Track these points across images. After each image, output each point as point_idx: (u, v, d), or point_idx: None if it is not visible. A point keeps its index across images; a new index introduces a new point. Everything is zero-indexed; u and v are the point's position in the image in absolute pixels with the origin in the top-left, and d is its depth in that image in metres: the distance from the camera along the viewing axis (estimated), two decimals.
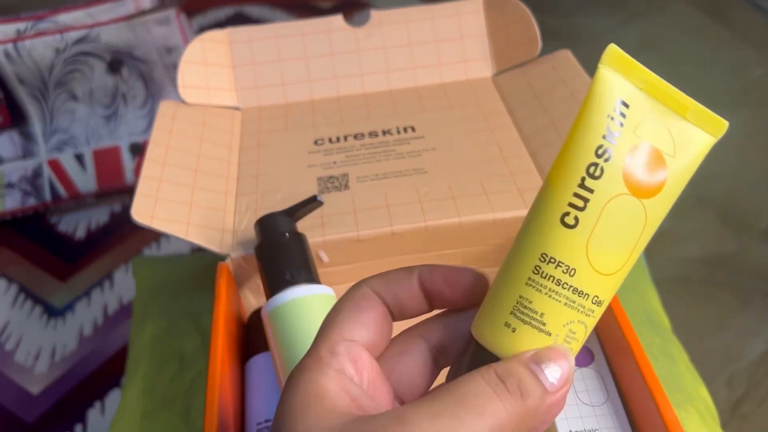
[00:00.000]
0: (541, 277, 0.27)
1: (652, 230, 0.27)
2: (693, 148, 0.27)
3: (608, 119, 0.27)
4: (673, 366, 0.52)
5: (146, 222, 0.50)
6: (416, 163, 0.58)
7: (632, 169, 0.26)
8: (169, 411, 0.52)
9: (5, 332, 0.89)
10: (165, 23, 0.96)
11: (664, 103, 0.27)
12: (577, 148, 0.27)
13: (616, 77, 0.27)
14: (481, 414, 0.24)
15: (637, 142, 0.27)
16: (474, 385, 0.25)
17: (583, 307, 0.27)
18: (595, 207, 0.26)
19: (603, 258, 0.26)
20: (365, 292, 0.29)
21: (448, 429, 0.23)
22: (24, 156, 0.98)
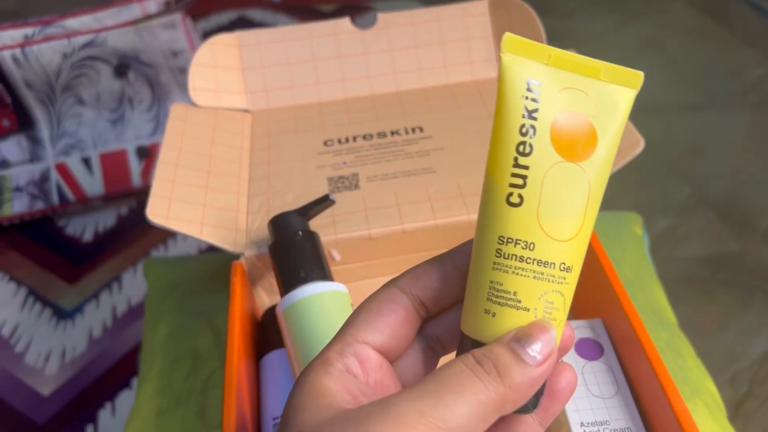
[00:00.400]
0: (505, 258, 0.28)
1: (599, 190, 0.28)
2: (614, 104, 0.29)
3: (523, 99, 0.28)
4: (680, 360, 0.53)
5: (161, 222, 0.51)
6: (425, 163, 0.59)
7: (560, 138, 0.28)
8: (185, 408, 0.53)
9: (15, 334, 0.90)
10: (171, 27, 0.97)
11: (574, 71, 0.29)
12: (502, 133, 0.28)
13: (520, 60, 0.29)
14: (461, 392, 0.25)
15: (558, 112, 0.28)
16: (454, 368, 0.26)
17: (552, 276, 0.28)
18: (535, 181, 0.28)
19: (557, 225, 0.28)
20: (391, 293, 0.30)
21: (429, 408, 0.24)
22: (32, 160, 0.99)
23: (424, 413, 0.24)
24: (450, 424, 0.24)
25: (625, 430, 0.43)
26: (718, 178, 1.18)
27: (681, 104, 1.34)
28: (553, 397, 0.29)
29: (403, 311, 0.30)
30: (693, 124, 1.29)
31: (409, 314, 0.30)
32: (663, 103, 1.34)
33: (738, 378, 0.92)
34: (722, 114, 1.31)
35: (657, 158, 1.22)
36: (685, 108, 1.33)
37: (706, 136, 1.26)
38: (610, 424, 0.43)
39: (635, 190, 1.16)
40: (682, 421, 0.39)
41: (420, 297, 0.30)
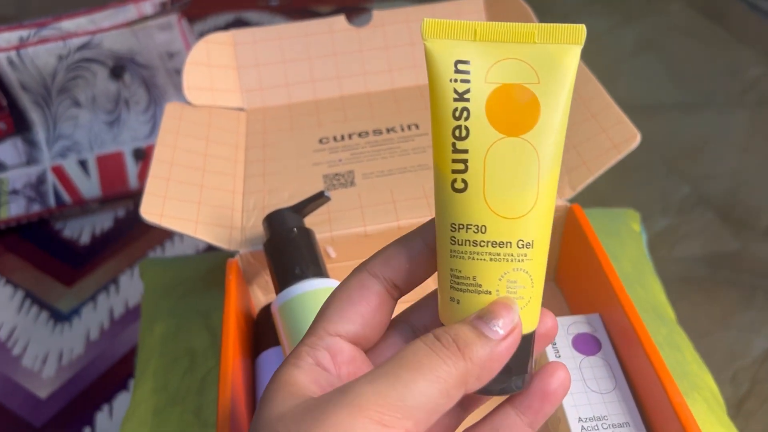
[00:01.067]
0: (459, 245, 0.27)
1: (553, 158, 0.27)
2: (557, 65, 0.27)
3: (451, 83, 0.27)
4: (679, 355, 0.53)
5: (155, 220, 0.51)
6: (421, 160, 0.59)
7: (497, 114, 0.27)
8: (181, 407, 0.53)
9: (12, 337, 0.89)
10: (167, 29, 0.96)
11: (506, 41, 0.27)
12: (438, 121, 0.27)
13: (443, 43, 0.27)
14: (418, 369, 0.24)
15: (492, 87, 0.27)
16: (412, 347, 0.26)
17: (510, 255, 0.27)
18: (476, 163, 0.27)
19: (507, 203, 0.27)
20: (361, 278, 0.29)
21: (386, 388, 0.24)
22: (28, 163, 0.99)
23: (381, 394, 0.24)
24: (408, 403, 0.24)
25: (624, 424, 0.42)
26: (717, 177, 1.18)
27: (680, 104, 1.33)
28: (544, 399, 0.29)
29: (375, 297, 0.29)
30: (692, 124, 1.29)
31: (381, 299, 0.29)
32: (662, 102, 1.34)
33: (739, 377, 0.92)
34: (721, 113, 1.31)
35: (656, 158, 1.22)
36: (683, 107, 1.33)
37: (705, 136, 1.26)
38: (608, 419, 0.43)
39: (635, 189, 1.16)
40: (680, 414, 0.39)
41: (392, 279, 0.29)
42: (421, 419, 0.24)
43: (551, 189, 0.27)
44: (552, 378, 0.29)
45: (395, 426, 0.23)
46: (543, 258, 0.28)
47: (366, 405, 0.23)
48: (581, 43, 0.27)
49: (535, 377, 0.29)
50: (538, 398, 0.29)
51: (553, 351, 0.46)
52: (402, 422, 0.24)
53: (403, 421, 0.24)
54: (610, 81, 1.18)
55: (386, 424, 0.23)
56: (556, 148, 0.27)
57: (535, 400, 0.29)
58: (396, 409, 0.24)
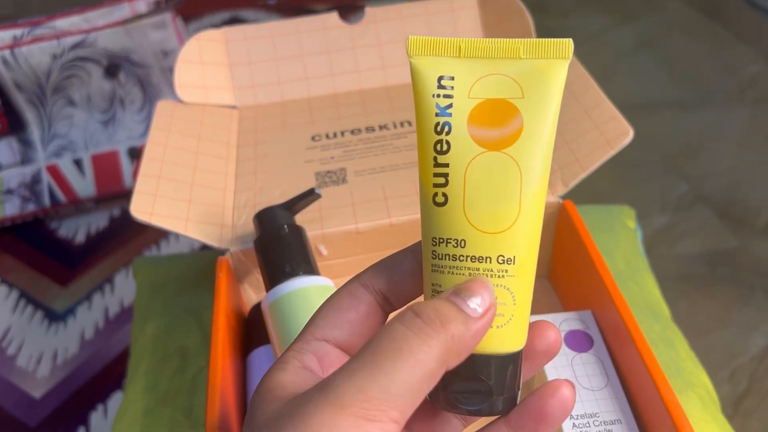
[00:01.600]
0: (439, 260, 0.27)
1: (536, 173, 0.27)
2: (543, 80, 0.27)
3: (434, 98, 0.27)
4: (673, 352, 0.52)
5: (145, 218, 0.50)
6: (413, 157, 0.58)
7: (478, 129, 0.27)
8: (172, 407, 0.52)
9: (7, 337, 0.89)
10: (161, 27, 0.96)
11: (491, 57, 0.28)
12: (421, 136, 0.28)
13: (427, 60, 0.28)
14: (398, 356, 0.23)
15: (475, 102, 0.27)
16: (389, 330, 0.24)
17: (490, 270, 0.27)
18: (456, 177, 0.27)
19: (487, 218, 0.27)
20: (352, 289, 0.29)
21: (367, 381, 0.23)
22: (23, 162, 0.98)
23: (362, 389, 0.23)
24: (392, 393, 0.23)
25: (615, 422, 0.42)
26: (715, 174, 1.17)
27: (678, 102, 1.33)
28: (540, 420, 0.27)
29: (365, 307, 0.29)
30: (690, 122, 1.28)
31: (371, 310, 0.29)
32: (660, 100, 1.33)
33: (737, 375, 0.92)
34: (719, 111, 1.31)
35: (654, 156, 1.21)
36: (682, 105, 1.32)
37: (703, 133, 1.26)
38: (599, 417, 0.42)
39: (632, 187, 1.16)
40: (672, 411, 0.39)
41: (382, 291, 0.29)
42: (406, 406, 0.23)
43: (536, 204, 0.27)
44: (552, 398, 0.27)
45: (381, 419, 0.23)
46: (528, 275, 0.27)
47: (349, 402, 0.23)
48: (569, 58, 0.27)
49: (534, 395, 0.28)
50: (534, 419, 0.27)
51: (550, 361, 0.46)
52: (388, 413, 0.23)
53: (389, 412, 0.23)
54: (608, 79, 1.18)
55: (372, 418, 0.23)
56: (542, 163, 0.27)
57: (530, 421, 0.27)
58: (380, 401, 0.23)
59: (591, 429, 0.42)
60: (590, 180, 0.52)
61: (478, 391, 0.27)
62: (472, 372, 0.27)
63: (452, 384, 0.27)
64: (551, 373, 0.45)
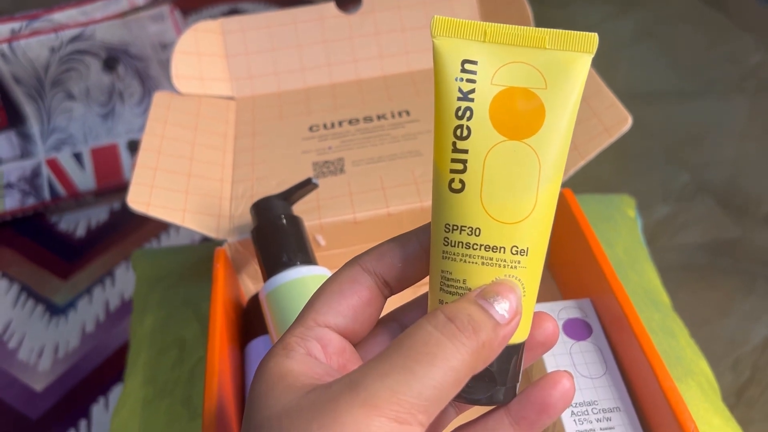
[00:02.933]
0: (452, 246, 0.27)
1: (554, 165, 0.26)
2: (566, 72, 0.27)
3: (457, 82, 0.27)
4: (672, 341, 0.52)
5: (142, 209, 0.50)
6: (411, 146, 0.58)
7: (500, 116, 0.26)
8: (170, 398, 0.52)
9: (8, 331, 0.89)
10: (159, 20, 0.96)
11: (516, 44, 0.27)
12: (440, 119, 0.27)
13: (452, 41, 0.27)
14: (432, 362, 0.23)
15: (498, 89, 0.27)
16: (421, 333, 0.24)
17: (503, 260, 0.26)
18: (475, 164, 0.26)
19: (503, 208, 0.26)
20: (353, 273, 0.29)
21: (400, 386, 0.23)
22: (22, 156, 0.98)
23: (396, 391, 0.23)
24: (424, 398, 0.23)
25: (614, 410, 0.42)
26: (717, 164, 1.17)
27: (679, 91, 1.33)
28: (542, 411, 0.27)
29: (367, 292, 0.28)
30: (691, 111, 1.28)
31: (372, 294, 0.28)
32: (661, 90, 1.33)
33: (740, 364, 0.91)
34: (721, 101, 1.30)
35: (656, 146, 1.21)
36: (683, 95, 1.32)
37: (704, 123, 1.25)
38: (598, 404, 0.42)
39: (634, 178, 1.15)
40: (671, 399, 0.38)
41: (383, 276, 0.29)
42: (433, 411, 0.23)
43: (551, 197, 0.27)
44: (554, 389, 0.27)
45: (411, 422, 0.23)
46: (537, 268, 0.27)
47: (381, 403, 0.22)
48: (593, 53, 0.27)
49: (535, 386, 0.27)
50: (535, 409, 0.27)
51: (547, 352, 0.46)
52: (417, 417, 0.23)
53: (417, 416, 0.23)
54: (609, 69, 1.17)
55: (402, 421, 0.23)
56: (560, 155, 0.26)
57: (531, 411, 0.27)
58: (411, 405, 0.23)
59: (590, 417, 0.41)
60: (592, 170, 0.52)
61: (481, 381, 0.27)
62: None
63: None
64: (549, 361, 0.44)
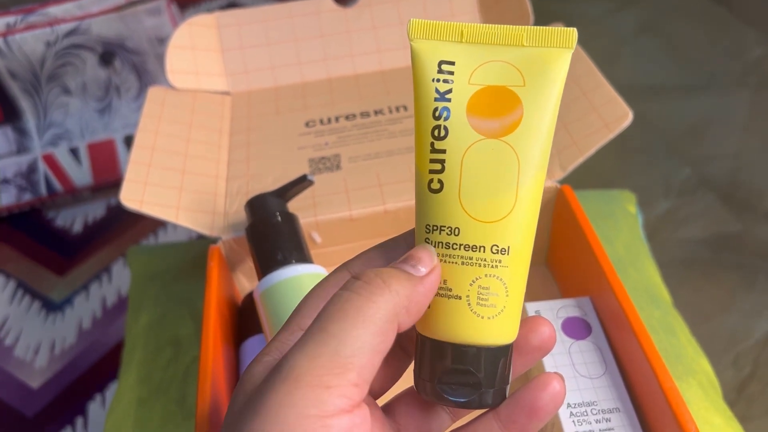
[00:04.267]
0: (433, 247, 0.26)
1: (535, 162, 0.26)
2: (545, 68, 0.27)
3: (433, 83, 0.27)
4: (673, 339, 0.51)
5: (135, 207, 0.50)
6: (409, 142, 0.57)
7: (477, 115, 0.26)
8: (165, 397, 0.52)
9: (4, 328, 0.89)
10: (156, 14, 0.95)
11: (493, 43, 0.27)
12: (419, 121, 0.27)
13: (429, 43, 0.27)
14: (344, 317, 0.23)
15: (475, 89, 0.27)
16: (333, 297, 0.24)
17: (483, 260, 0.26)
18: (453, 164, 0.26)
19: (482, 207, 0.26)
20: (340, 278, 0.28)
21: (318, 347, 0.22)
22: (18, 151, 0.98)
23: (313, 356, 0.22)
24: (343, 354, 0.22)
25: (613, 410, 0.41)
26: (718, 159, 1.16)
27: (681, 86, 1.32)
28: (532, 415, 0.26)
29: None
30: (693, 106, 1.27)
31: None
32: (663, 84, 1.32)
33: (741, 360, 0.91)
34: (723, 95, 1.30)
35: (657, 140, 1.20)
36: (685, 89, 1.31)
37: (706, 117, 1.25)
38: (597, 405, 0.41)
39: (635, 172, 1.15)
40: (671, 399, 0.38)
41: None
42: (363, 366, 0.23)
43: (533, 195, 0.26)
44: (543, 392, 0.26)
45: (338, 383, 0.22)
46: (521, 267, 0.27)
47: (301, 373, 0.22)
48: (572, 48, 0.27)
49: (525, 388, 0.27)
50: (525, 413, 0.27)
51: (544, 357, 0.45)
52: (344, 377, 0.22)
53: (345, 375, 0.22)
54: (610, 63, 1.16)
55: (328, 384, 0.22)
56: (541, 153, 0.26)
57: (521, 415, 0.27)
58: (333, 365, 0.22)
59: (589, 417, 0.41)
60: (592, 165, 0.51)
61: (467, 383, 0.26)
62: (461, 363, 0.26)
63: (441, 375, 0.26)
64: (548, 360, 0.44)
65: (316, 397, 0.22)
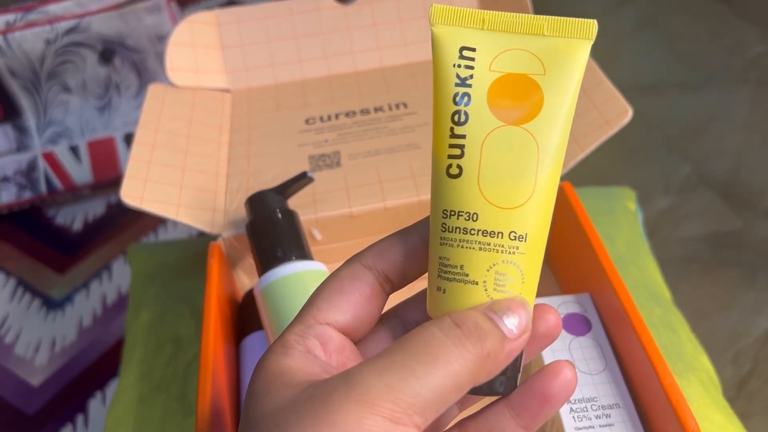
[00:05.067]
0: (449, 232, 0.27)
1: (554, 151, 0.26)
2: (565, 58, 0.27)
3: (455, 68, 0.27)
4: (673, 335, 0.51)
5: (135, 204, 0.50)
6: (409, 139, 0.57)
7: (498, 102, 0.26)
8: (165, 394, 0.52)
9: (5, 325, 0.89)
10: (155, 11, 0.95)
11: (515, 32, 0.27)
12: (438, 105, 0.27)
13: (450, 29, 0.27)
14: (433, 363, 0.23)
15: (496, 76, 0.27)
16: (426, 334, 0.24)
17: (501, 246, 0.26)
18: (473, 149, 0.26)
19: (501, 193, 0.26)
20: (354, 270, 0.28)
21: (398, 383, 0.22)
22: (18, 149, 0.98)
23: (392, 389, 0.22)
24: (422, 398, 0.22)
25: (613, 406, 0.41)
26: (718, 156, 1.16)
27: (681, 82, 1.32)
28: (544, 402, 0.26)
29: (368, 289, 0.28)
30: (693, 103, 1.27)
31: (373, 291, 0.28)
32: (663, 81, 1.32)
33: (741, 357, 0.91)
34: (723, 92, 1.29)
35: (657, 137, 1.20)
36: (685, 86, 1.31)
37: (706, 115, 1.25)
38: (597, 401, 0.41)
39: (635, 169, 1.14)
40: (671, 395, 0.38)
41: (385, 272, 0.28)
42: (430, 414, 0.23)
43: (551, 184, 0.26)
44: (554, 380, 0.26)
45: (406, 423, 0.22)
46: (537, 254, 0.27)
47: (377, 401, 0.22)
48: (592, 39, 0.27)
49: (536, 376, 0.27)
50: (537, 401, 0.27)
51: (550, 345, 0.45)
52: (413, 418, 0.22)
53: (413, 417, 0.22)
54: (610, 60, 1.16)
55: (397, 421, 0.22)
56: (559, 141, 0.26)
57: (533, 403, 0.27)
58: (408, 405, 0.22)
59: (589, 413, 0.41)
60: (592, 162, 0.51)
61: None
62: None
63: None
64: (548, 356, 0.44)
65: (384, 428, 0.22)
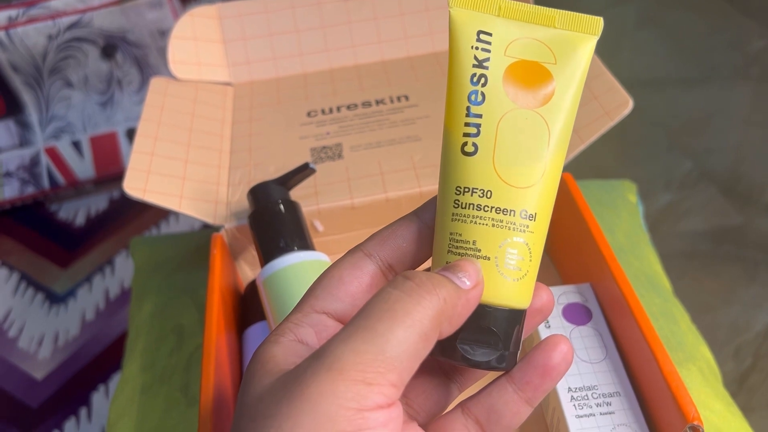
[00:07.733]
0: (462, 208, 0.27)
1: (562, 136, 0.28)
2: (574, 50, 0.28)
3: (473, 50, 0.28)
4: (674, 326, 0.52)
5: (138, 195, 0.50)
6: (410, 131, 0.58)
7: (514, 86, 0.28)
8: (168, 385, 0.52)
9: (8, 320, 0.89)
10: (157, 6, 0.95)
11: (527, 21, 0.29)
12: (455, 84, 0.28)
13: (468, 13, 0.29)
14: (393, 317, 0.23)
15: (510, 61, 0.28)
16: (382, 294, 0.24)
17: (513, 223, 0.27)
18: (488, 129, 0.27)
19: (515, 172, 0.27)
20: (355, 259, 0.28)
21: (364, 344, 0.22)
22: (21, 145, 0.98)
23: (358, 351, 0.22)
24: (389, 354, 0.22)
25: (614, 394, 0.41)
26: (720, 151, 1.16)
27: (682, 78, 1.32)
28: (545, 374, 0.27)
29: (368, 278, 0.28)
30: (694, 98, 1.27)
31: (374, 280, 0.28)
32: (664, 77, 1.32)
33: (742, 351, 0.91)
34: (724, 87, 1.29)
35: (658, 133, 1.20)
36: (686, 82, 1.31)
37: (707, 110, 1.25)
38: (598, 389, 0.42)
39: (636, 165, 1.15)
40: (671, 383, 0.38)
41: (388, 260, 0.28)
42: (404, 369, 0.23)
43: (557, 167, 0.28)
44: (554, 352, 0.27)
45: (379, 382, 0.22)
46: (543, 234, 0.28)
47: (345, 366, 0.22)
48: (598, 35, 0.29)
49: (536, 351, 0.28)
50: (538, 373, 0.27)
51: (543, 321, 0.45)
52: (386, 376, 0.22)
53: (386, 375, 0.22)
54: (612, 55, 1.16)
55: (370, 381, 0.22)
56: (566, 128, 0.28)
57: (535, 376, 0.27)
58: (377, 364, 0.22)
59: (590, 401, 0.41)
60: (593, 158, 0.51)
61: (487, 343, 0.27)
62: (485, 322, 0.27)
63: (463, 333, 0.27)
64: None
65: (358, 392, 0.22)
